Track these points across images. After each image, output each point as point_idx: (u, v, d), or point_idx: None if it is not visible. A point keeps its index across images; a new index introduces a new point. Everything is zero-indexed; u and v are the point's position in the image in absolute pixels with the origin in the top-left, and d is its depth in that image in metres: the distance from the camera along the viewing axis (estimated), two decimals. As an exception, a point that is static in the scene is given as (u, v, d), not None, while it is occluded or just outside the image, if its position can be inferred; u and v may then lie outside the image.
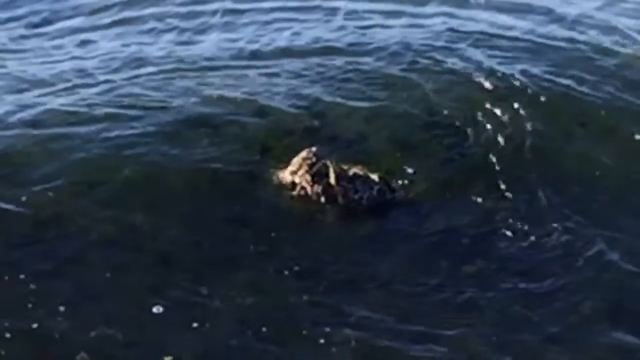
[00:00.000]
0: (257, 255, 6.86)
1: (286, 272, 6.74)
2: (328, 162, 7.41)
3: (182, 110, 8.14)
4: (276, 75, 8.76)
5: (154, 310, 6.36)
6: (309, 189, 7.37)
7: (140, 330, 6.26)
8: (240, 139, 7.87)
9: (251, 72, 8.78)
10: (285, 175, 7.43)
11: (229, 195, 7.36)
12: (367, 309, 6.48)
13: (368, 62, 8.98)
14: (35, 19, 9.91)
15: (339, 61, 8.97)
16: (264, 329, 6.31)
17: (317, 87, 8.56)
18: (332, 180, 7.38)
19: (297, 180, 7.40)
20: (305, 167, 7.39)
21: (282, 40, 9.44)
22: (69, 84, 8.57)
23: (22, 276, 6.51)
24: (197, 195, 7.33)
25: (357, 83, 8.67)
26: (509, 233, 7.19)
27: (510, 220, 7.28)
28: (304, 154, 7.44)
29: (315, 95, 8.43)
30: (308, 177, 7.37)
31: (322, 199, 7.35)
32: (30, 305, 6.33)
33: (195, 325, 6.30)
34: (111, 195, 7.22)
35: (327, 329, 6.32)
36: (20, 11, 10.14)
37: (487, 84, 8.67)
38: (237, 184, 7.45)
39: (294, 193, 7.35)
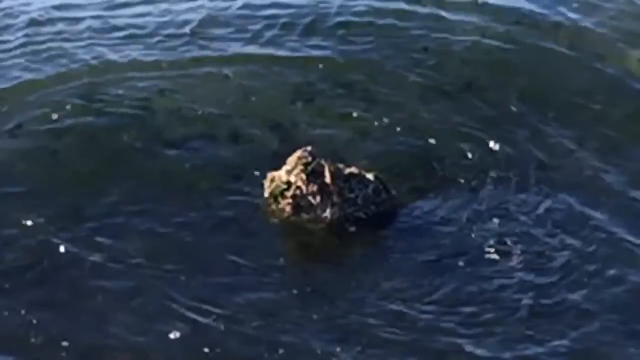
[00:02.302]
0: (260, 277, 6.68)
1: (293, 292, 6.59)
2: (323, 161, 7.21)
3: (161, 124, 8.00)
4: (255, 86, 8.55)
5: (170, 335, 6.20)
6: (304, 188, 7.17)
7: (152, 357, 6.11)
8: (223, 159, 7.70)
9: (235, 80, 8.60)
10: (281, 175, 7.22)
11: (224, 216, 7.15)
12: (377, 327, 6.34)
13: (353, 75, 8.73)
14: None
15: (321, 73, 8.74)
16: (281, 351, 6.16)
17: (298, 102, 8.38)
18: (328, 179, 7.18)
19: (292, 179, 7.19)
20: (300, 166, 7.19)
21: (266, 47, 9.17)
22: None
23: (22, 311, 6.30)
24: (191, 217, 7.14)
25: (338, 98, 8.47)
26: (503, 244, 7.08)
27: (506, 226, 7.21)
28: (299, 153, 7.23)
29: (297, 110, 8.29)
30: (303, 176, 7.17)
31: (318, 198, 7.16)
32: (32, 340, 6.13)
33: (206, 350, 6.14)
34: (101, 221, 7.01)
35: (338, 348, 6.20)
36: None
37: (474, 101, 8.50)
38: (231, 203, 7.25)
39: (289, 193, 7.14)
